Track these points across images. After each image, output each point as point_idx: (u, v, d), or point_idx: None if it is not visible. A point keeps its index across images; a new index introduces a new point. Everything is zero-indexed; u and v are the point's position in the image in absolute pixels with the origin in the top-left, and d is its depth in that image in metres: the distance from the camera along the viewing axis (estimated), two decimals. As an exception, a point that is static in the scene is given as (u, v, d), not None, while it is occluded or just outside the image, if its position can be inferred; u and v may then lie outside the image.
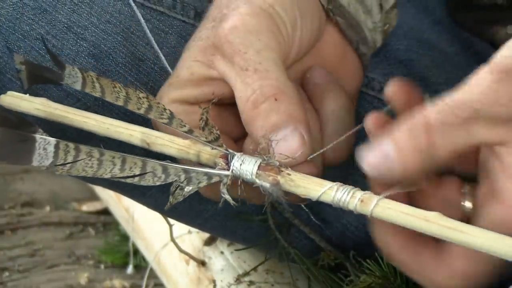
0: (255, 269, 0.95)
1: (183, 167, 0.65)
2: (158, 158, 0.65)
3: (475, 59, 0.90)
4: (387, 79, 0.85)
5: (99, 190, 1.55)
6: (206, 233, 1.04)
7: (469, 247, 0.56)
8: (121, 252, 1.51)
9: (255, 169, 0.62)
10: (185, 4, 0.81)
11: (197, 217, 0.87)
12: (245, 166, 0.62)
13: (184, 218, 0.89)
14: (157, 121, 0.65)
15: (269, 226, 0.85)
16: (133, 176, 0.65)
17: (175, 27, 0.80)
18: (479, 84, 0.57)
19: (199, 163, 0.65)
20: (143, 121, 0.68)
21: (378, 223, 0.62)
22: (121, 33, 0.78)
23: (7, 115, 0.68)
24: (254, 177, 0.62)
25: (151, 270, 1.22)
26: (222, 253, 1.02)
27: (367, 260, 0.81)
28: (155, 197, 0.84)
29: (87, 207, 1.67)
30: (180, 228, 1.04)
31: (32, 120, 0.68)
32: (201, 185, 0.64)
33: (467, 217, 0.61)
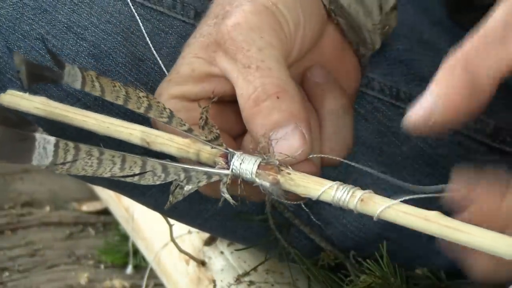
0: (255, 269, 0.95)
1: (183, 166, 0.65)
2: (158, 157, 0.65)
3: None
4: (386, 79, 0.86)
5: (99, 190, 1.55)
6: (206, 233, 1.04)
7: (469, 246, 0.56)
8: (121, 252, 1.51)
9: (255, 168, 0.62)
10: (185, 4, 0.80)
11: (197, 217, 0.87)
12: (245, 165, 0.62)
13: (184, 218, 0.89)
14: (157, 120, 0.65)
15: (269, 226, 0.85)
16: (133, 175, 0.65)
17: (175, 27, 0.80)
18: (502, 6, 0.55)
19: (199, 162, 0.65)
20: (143, 120, 0.68)
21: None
22: (121, 33, 0.78)
23: (7, 114, 0.68)
24: (254, 176, 0.62)
25: (151, 270, 1.22)
26: (222, 253, 1.02)
27: (367, 260, 0.81)
28: (155, 197, 0.84)
29: (87, 207, 1.67)
30: (180, 228, 1.04)
31: (31, 119, 0.68)
32: (201, 184, 0.64)
33: None
